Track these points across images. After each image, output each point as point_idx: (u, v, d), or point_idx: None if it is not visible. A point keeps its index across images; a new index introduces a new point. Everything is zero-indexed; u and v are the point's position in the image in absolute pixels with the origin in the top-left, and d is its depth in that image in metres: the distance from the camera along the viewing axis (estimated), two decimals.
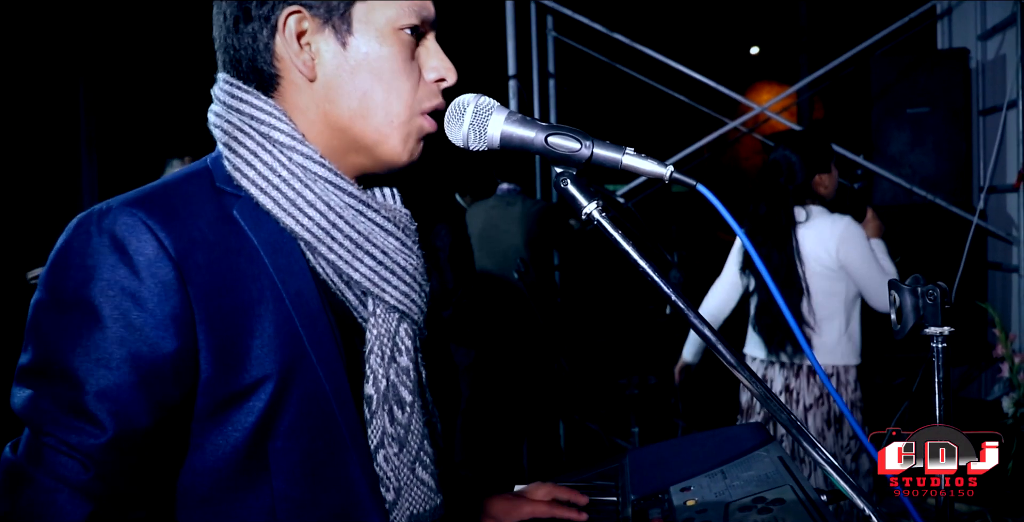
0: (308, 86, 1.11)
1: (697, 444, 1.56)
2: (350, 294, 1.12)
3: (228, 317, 1.03)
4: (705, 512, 1.26)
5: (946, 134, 4.82)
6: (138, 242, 0.99)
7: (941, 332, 0.98)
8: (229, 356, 1.03)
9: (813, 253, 3.20)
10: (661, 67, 5.20)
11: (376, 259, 1.12)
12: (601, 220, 1.03)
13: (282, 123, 1.10)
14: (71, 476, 0.96)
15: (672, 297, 1.01)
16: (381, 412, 1.12)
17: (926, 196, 4.63)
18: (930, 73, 4.85)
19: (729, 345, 1.02)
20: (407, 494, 1.13)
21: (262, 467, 1.06)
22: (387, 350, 1.13)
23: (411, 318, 1.16)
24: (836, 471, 1.00)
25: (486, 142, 1.09)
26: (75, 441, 0.96)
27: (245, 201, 1.09)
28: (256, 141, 1.10)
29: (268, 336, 1.05)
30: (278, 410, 1.05)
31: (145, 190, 1.07)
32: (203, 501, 1.06)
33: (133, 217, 1.00)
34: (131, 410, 0.98)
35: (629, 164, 1.05)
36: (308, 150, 1.10)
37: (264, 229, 1.08)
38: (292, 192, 1.08)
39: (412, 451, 1.14)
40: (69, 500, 0.95)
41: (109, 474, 0.97)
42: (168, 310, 1.00)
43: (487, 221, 4.57)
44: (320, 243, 1.09)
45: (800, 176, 3.24)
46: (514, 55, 5.15)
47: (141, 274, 0.99)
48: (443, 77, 1.16)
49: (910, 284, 1.00)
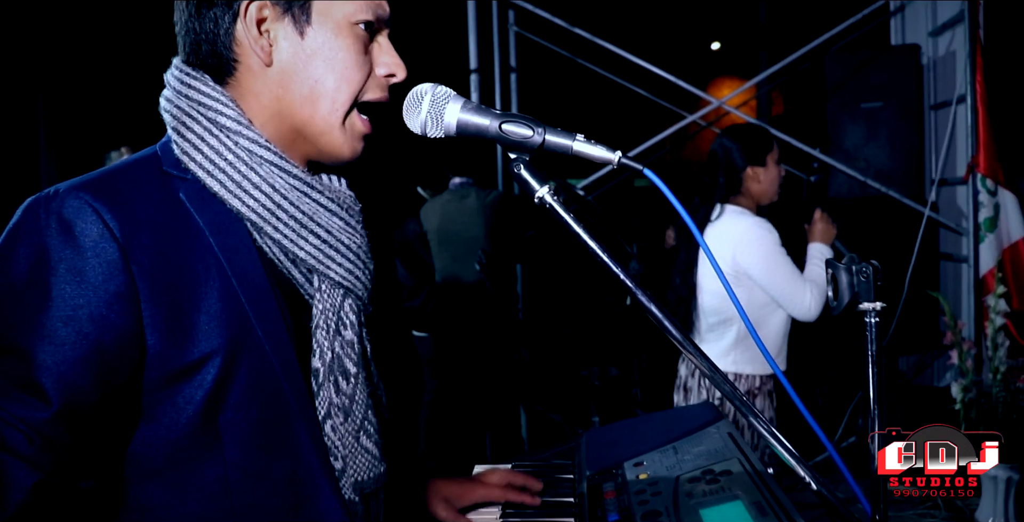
0: (264, 72, 1.16)
1: (650, 423, 1.61)
2: (296, 272, 1.17)
3: (173, 294, 1.07)
4: (656, 484, 1.32)
5: (898, 128, 4.92)
6: (84, 224, 1.03)
7: (874, 307, 1.04)
8: (176, 332, 1.07)
9: (714, 254, 3.01)
10: (622, 62, 5.25)
11: (321, 238, 1.17)
12: (553, 203, 1.08)
13: (229, 109, 1.15)
14: (18, 448, 0.99)
15: (621, 277, 1.06)
16: (327, 384, 1.17)
17: (880, 189, 4.72)
18: (883, 69, 4.94)
19: (678, 323, 1.07)
20: (352, 462, 1.18)
21: (214, 438, 1.10)
22: (332, 324, 1.18)
23: (355, 294, 1.21)
24: (776, 440, 1.05)
25: (443, 129, 1.13)
26: (21, 414, 1.00)
27: (192, 184, 1.13)
28: (203, 126, 1.14)
29: (214, 312, 1.09)
30: (227, 383, 1.09)
31: (93, 175, 1.11)
32: (157, 472, 1.10)
33: (79, 200, 1.04)
34: (77, 384, 1.02)
35: (579, 150, 1.10)
36: (254, 134, 1.15)
37: (210, 210, 1.12)
38: (238, 175, 1.13)
39: (356, 420, 1.19)
40: (17, 470, 0.98)
41: (55, 446, 1.01)
42: (113, 288, 1.03)
43: (444, 216, 4.61)
44: (266, 223, 1.13)
45: (739, 162, 3.13)
46: (475, 49, 5.18)
47: (86, 254, 1.03)
48: (393, 73, 1.21)
49: (845, 263, 1.05)
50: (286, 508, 1.13)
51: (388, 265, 1.37)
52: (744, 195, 3.17)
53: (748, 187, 3.16)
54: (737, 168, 3.14)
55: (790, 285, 2.99)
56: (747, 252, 3.01)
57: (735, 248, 3.02)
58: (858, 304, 1.05)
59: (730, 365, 3.07)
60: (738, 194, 3.16)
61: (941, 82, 5.13)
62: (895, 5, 5.41)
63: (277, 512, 1.13)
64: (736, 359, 3.08)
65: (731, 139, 3.19)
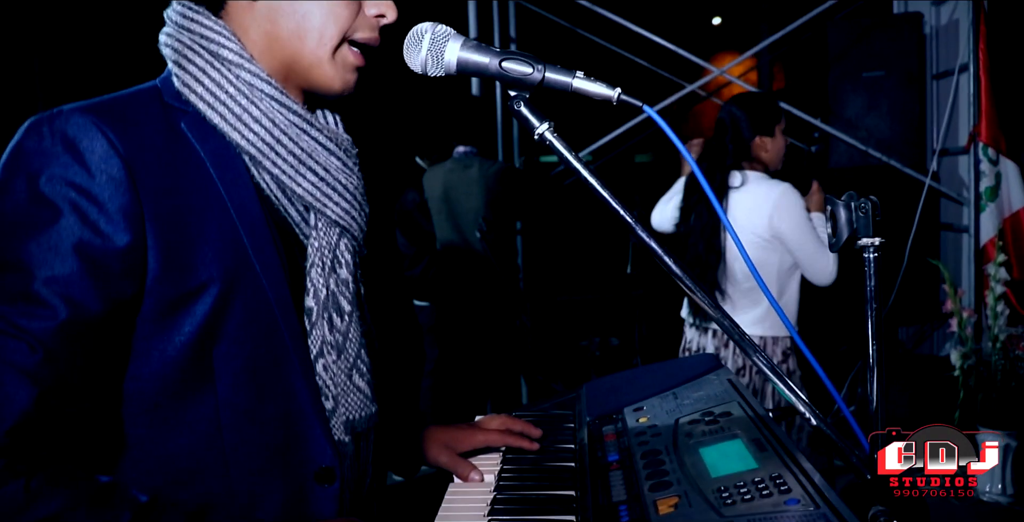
0: (252, 6, 1.16)
1: (650, 373, 1.62)
2: (293, 210, 1.18)
3: (175, 218, 1.07)
4: (656, 427, 1.33)
5: (900, 98, 4.90)
6: (89, 141, 1.04)
7: (873, 242, 1.04)
8: (176, 256, 1.07)
9: (746, 220, 3.09)
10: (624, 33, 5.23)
11: (318, 175, 1.17)
12: (552, 139, 1.09)
13: (231, 42, 1.15)
14: (19, 359, 0.98)
15: (618, 210, 1.06)
16: (321, 322, 1.17)
17: (881, 158, 4.71)
18: (885, 37, 4.91)
19: (676, 257, 1.08)
20: (344, 400, 1.18)
21: (206, 374, 1.10)
22: (327, 261, 1.19)
23: (351, 234, 1.22)
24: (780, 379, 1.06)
25: (443, 67, 1.13)
26: (25, 324, 0.99)
27: (193, 116, 1.13)
28: (205, 59, 1.14)
29: (212, 241, 1.09)
30: (222, 315, 1.10)
31: (95, 99, 1.11)
32: (149, 409, 1.10)
33: (84, 118, 1.04)
34: (82, 297, 1.02)
35: (579, 86, 1.10)
36: (255, 68, 1.15)
37: (210, 142, 1.13)
38: (238, 108, 1.13)
39: (349, 358, 1.19)
40: (15, 382, 0.98)
41: (57, 359, 1.00)
42: (118, 205, 1.04)
43: (446, 184, 4.60)
44: (264, 158, 1.14)
45: (746, 133, 3.15)
46: (475, 20, 5.17)
47: (92, 170, 1.03)
48: (383, 13, 1.20)
49: (844, 199, 1.05)
50: (276, 447, 1.14)
51: (384, 211, 1.38)
52: (754, 162, 3.19)
53: (757, 155, 3.18)
54: (745, 138, 3.16)
55: (818, 250, 3.03)
56: (784, 217, 3.03)
57: (772, 212, 3.05)
58: (857, 240, 1.05)
59: (768, 329, 3.12)
60: (749, 161, 3.18)
61: (943, 51, 5.10)
62: None
63: (267, 450, 1.13)
64: (772, 324, 3.12)
65: (740, 108, 3.20)
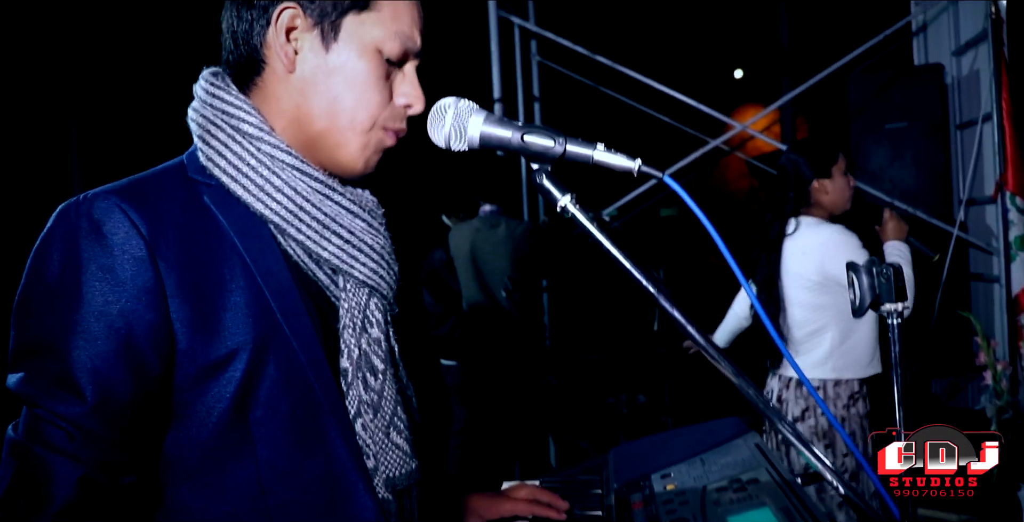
0: (287, 78, 1.19)
1: (678, 437, 1.61)
2: (321, 273, 1.19)
3: (199, 290, 1.10)
4: (683, 494, 1.31)
5: (924, 148, 4.90)
6: (112, 222, 1.08)
7: (896, 308, 1.04)
8: (203, 327, 1.09)
9: (796, 266, 3.14)
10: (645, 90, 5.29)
11: (343, 238, 1.19)
12: (575, 212, 1.10)
13: (251, 116, 1.18)
14: (60, 444, 1.03)
15: (641, 281, 1.07)
16: (356, 381, 1.18)
17: (907, 209, 4.70)
18: (907, 89, 4.94)
19: (700, 329, 1.08)
20: (383, 458, 1.18)
21: (246, 437, 1.12)
22: (358, 322, 1.20)
23: (380, 293, 1.22)
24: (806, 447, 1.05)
25: (467, 142, 1.15)
26: (61, 410, 1.04)
27: (216, 188, 1.16)
28: (227, 133, 1.18)
29: (240, 309, 1.12)
30: (256, 380, 1.11)
31: (121, 181, 1.15)
32: (191, 473, 1.12)
33: (107, 201, 1.09)
34: (111, 378, 1.05)
35: (600, 159, 1.11)
36: (275, 140, 1.18)
37: (234, 213, 1.16)
38: (260, 179, 1.16)
39: (386, 416, 1.19)
40: (61, 465, 1.03)
41: (95, 441, 1.04)
42: (141, 283, 1.07)
43: (473, 243, 4.63)
44: (289, 225, 1.16)
45: (807, 175, 3.18)
46: (499, 79, 5.25)
47: (115, 251, 1.07)
48: (411, 104, 1.23)
49: (865, 264, 1.06)
50: (320, 507, 1.14)
51: (413, 269, 1.39)
52: (815, 207, 3.22)
53: (818, 199, 3.21)
54: (805, 181, 3.20)
55: None
56: (834, 259, 3.03)
57: (821, 257, 3.07)
58: (880, 305, 1.05)
59: (829, 372, 3.12)
60: (809, 206, 3.22)
61: (966, 101, 5.11)
62: (917, 25, 5.42)
63: (311, 511, 1.14)
64: (835, 366, 3.12)
65: (797, 152, 3.25)
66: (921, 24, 5.42)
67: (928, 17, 5.34)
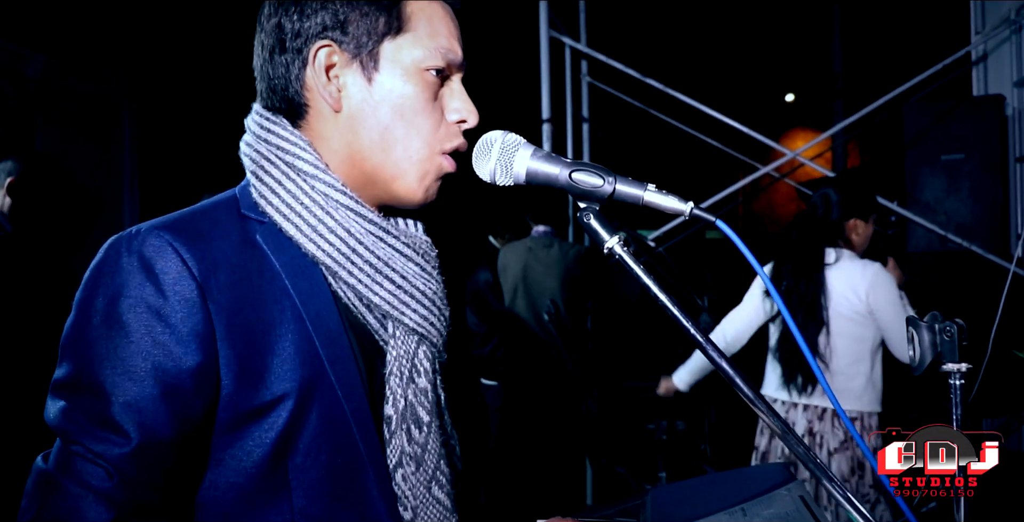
0: (333, 116, 1.15)
1: (719, 482, 1.56)
2: (371, 318, 1.16)
3: (249, 334, 1.07)
4: None
5: (981, 181, 4.79)
6: (164, 262, 1.05)
7: (959, 368, 0.99)
8: (249, 372, 1.07)
9: (842, 295, 3.18)
10: (695, 113, 5.24)
11: (396, 283, 1.15)
12: (622, 254, 1.06)
13: (306, 153, 1.15)
14: (96, 483, 1.00)
15: (691, 331, 1.03)
16: (400, 432, 1.14)
17: (961, 243, 4.59)
18: (965, 119, 4.84)
19: (748, 380, 1.03)
20: (423, 513, 1.15)
21: (282, 484, 1.09)
22: (406, 371, 1.16)
23: (430, 340, 1.19)
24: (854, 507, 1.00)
25: (512, 177, 1.11)
26: (101, 450, 1.01)
27: (269, 227, 1.13)
28: (281, 170, 1.14)
29: (288, 355, 1.09)
30: (298, 427, 1.08)
31: (174, 215, 1.12)
32: (225, 517, 1.09)
33: (160, 239, 1.06)
34: (155, 421, 1.03)
35: (650, 200, 1.07)
36: (330, 179, 1.14)
37: (286, 254, 1.12)
38: (314, 219, 1.12)
39: (428, 470, 1.16)
40: (93, 506, 1.00)
41: (132, 483, 1.01)
42: (191, 326, 1.04)
43: (526, 262, 4.61)
44: (341, 268, 1.12)
45: (836, 213, 3.24)
46: (548, 99, 5.22)
47: (166, 292, 1.04)
48: (464, 119, 1.19)
49: (928, 321, 1.01)
50: None
51: (462, 312, 1.35)
52: (846, 243, 3.29)
53: (848, 236, 3.28)
54: (841, 216, 3.26)
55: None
56: (880, 294, 3.15)
57: (868, 289, 3.15)
58: (941, 365, 1.00)
59: (866, 405, 3.19)
60: (842, 240, 3.28)
61: None
62: (977, 54, 5.31)
63: None
64: (871, 399, 3.20)
65: (836, 189, 3.31)
66: (981, 54, 5.31)
67: (989, 47, 5.23)
